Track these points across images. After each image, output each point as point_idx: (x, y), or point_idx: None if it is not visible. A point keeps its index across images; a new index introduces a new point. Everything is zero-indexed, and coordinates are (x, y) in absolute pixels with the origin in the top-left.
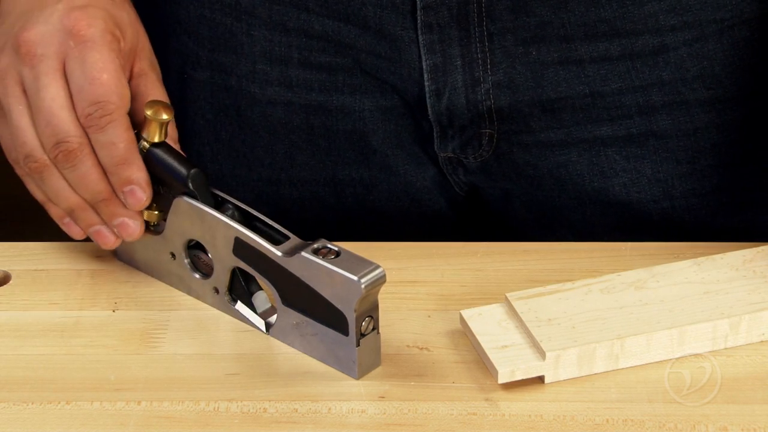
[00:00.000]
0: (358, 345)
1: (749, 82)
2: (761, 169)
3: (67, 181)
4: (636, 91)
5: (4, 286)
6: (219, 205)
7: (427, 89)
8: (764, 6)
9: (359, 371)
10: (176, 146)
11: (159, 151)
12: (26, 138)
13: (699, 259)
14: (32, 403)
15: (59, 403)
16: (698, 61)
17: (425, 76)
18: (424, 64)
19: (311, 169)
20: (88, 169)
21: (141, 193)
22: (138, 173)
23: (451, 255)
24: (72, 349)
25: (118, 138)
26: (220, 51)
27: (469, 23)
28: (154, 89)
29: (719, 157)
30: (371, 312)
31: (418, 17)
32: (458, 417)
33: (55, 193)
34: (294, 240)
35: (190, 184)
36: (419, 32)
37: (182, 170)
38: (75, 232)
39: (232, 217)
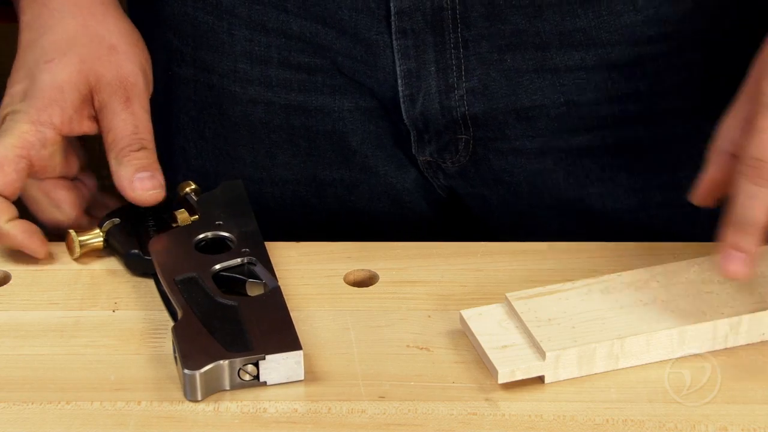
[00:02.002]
0: (265, 384)
1: (727, 93)
2: None
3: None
4: (612, 101)
5: (4, 286)
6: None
7: (401, 94)
8: (744, 18)
9: (292, 378)
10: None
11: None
12: None
13: (699, 259)
14: (32, 403)
15: (59, 403)
16: (675, 73)
17: (399, 81)
18: (398, 69)
19: (292, 169)
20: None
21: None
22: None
23: (451, 255)
24: (72, 349)
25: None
26: (203, 49)
27: (443, 29)
28: (114, 119)
29: (696, 170)
30: (241, 368)
31: (393, 22)
32: (458, 417)
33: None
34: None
35: (127, 266)
36: (393, 37)
37: (121, 255)
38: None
39: (160, 290)
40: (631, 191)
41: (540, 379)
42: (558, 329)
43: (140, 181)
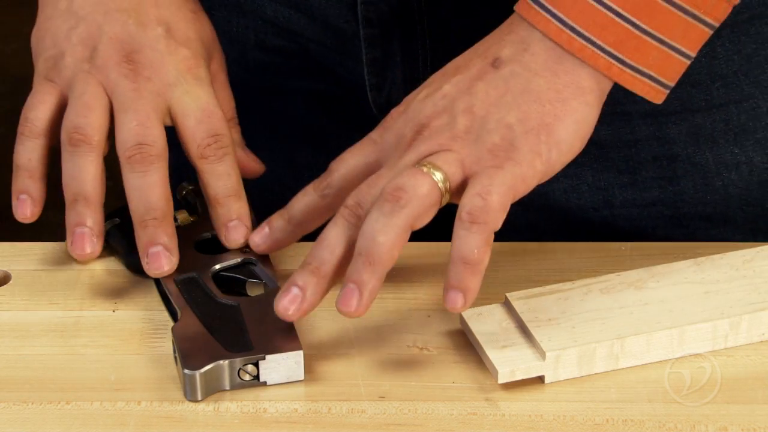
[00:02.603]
0: (265, 384)
1: (693, 96)
2: (703, 185)
3: (129, 183)
4: None
5: (4, 286)
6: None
7: (367, 82)
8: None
9: (292, 378)
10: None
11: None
12: (91, 116)
13: (699, 259)
14: (32, 403)
15: (59, 403)
16: None
17: (365, 69)
18: (364, 57)
19: (270, 151)
20: (156, 180)
21: (244, 229)
22: (246, 208)
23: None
24: (72, 349)
25: (232, 170)
26: None
27: (410, 20)
28: (221, 91)
29: (660, 170)
30: (241, 368)
31: (359, 11)
32: (458, 417)
33: (77, 176)
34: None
35: (128, 266)
36: (360, 26)
37: (122, 255)
38: (24, 213)
39: (160, 290)
40: (596, 189)
41: (540, 379)
42: (558, 329)
43: (249, 155)
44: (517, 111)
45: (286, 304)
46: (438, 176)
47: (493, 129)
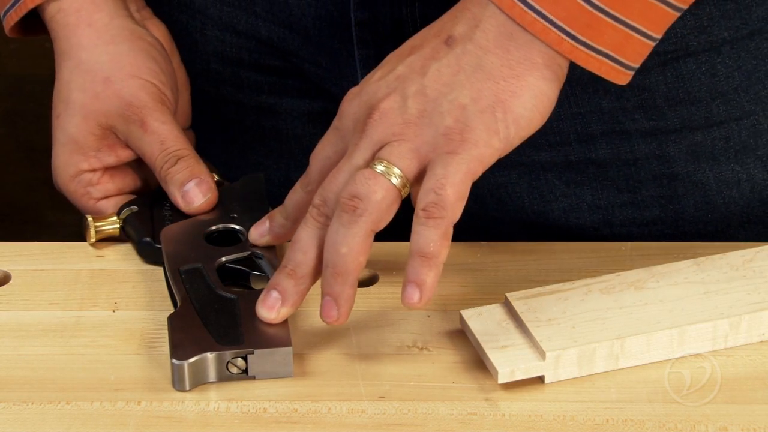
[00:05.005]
0: (254, 378)
1: (693, 114)
2: (704, 203)
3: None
4: (574, 118)
5: (4, 286)
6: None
7: None
8: (712, 39)
9: (281, 374)
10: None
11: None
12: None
13: (699, 259)
14: (32, 403)
15: (59, 403)
16: (639, 92)
17: None
18: (359, 77)
19: (265, 169)
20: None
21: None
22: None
23: (451, 255)
24: (72, 349)
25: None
26: (179, 47)
27: (404, 41)
28: (140, 145)
29: (660, 189)
30: (230, 361)
31: (353, 33)
32: (458, 417)
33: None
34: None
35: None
36: (355, 47)
37: (134, 242)
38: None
39: (167, 280)
40: (595, 208)
41: (540, 379)
42: (558, 329)
43: (187, 193)
44: (470, 90)
45: (267, 308)
46: (394, 172)
47: (446, 111)
